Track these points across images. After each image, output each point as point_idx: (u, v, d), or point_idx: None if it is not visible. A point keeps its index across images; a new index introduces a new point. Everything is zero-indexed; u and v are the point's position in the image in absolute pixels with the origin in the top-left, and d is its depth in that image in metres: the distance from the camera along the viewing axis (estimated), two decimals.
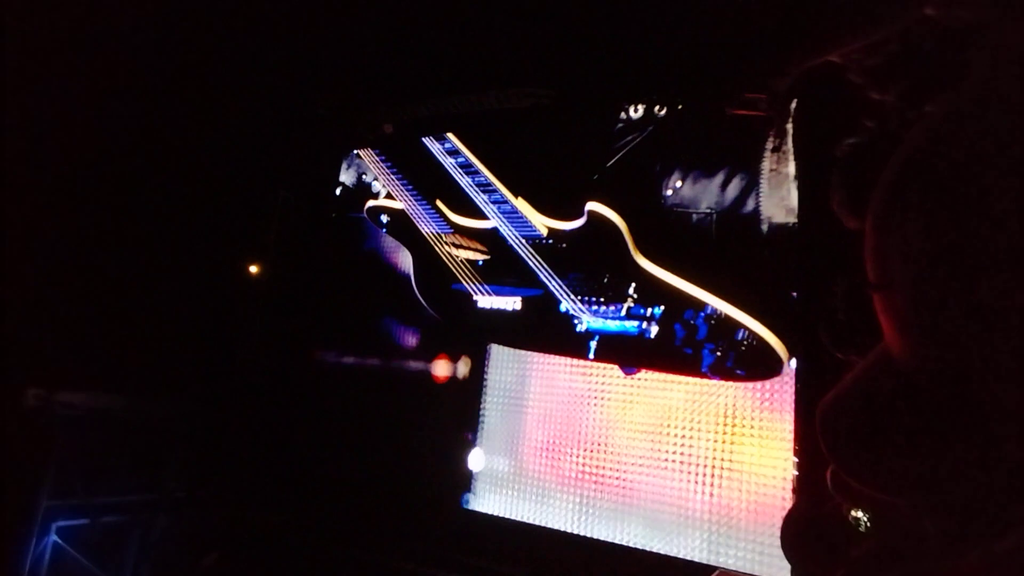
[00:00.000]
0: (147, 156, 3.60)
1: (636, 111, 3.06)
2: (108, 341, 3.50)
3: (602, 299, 2.88)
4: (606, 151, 3.09)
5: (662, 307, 2.72)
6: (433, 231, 3.47)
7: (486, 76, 3.33)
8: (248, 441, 3.78)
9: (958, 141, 0.47)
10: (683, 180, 2.91)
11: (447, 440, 3.33)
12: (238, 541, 3.43)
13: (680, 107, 2.97)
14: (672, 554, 2.66)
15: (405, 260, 3.66)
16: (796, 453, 2.45)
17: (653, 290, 2.75)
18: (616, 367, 2.90)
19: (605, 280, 2.87)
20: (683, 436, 2.74)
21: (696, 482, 2.67)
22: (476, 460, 3.24)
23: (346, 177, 3.99)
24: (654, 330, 2.74)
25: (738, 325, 2.55)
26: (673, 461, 2.75)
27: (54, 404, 3.34)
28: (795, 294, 2.54)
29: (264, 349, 3.96)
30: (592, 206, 2.93)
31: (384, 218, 3.68)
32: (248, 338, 3.91)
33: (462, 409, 3.31)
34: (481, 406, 3.28)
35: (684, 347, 2.64)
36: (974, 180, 0.44)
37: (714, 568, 2.54)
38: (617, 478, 2.85)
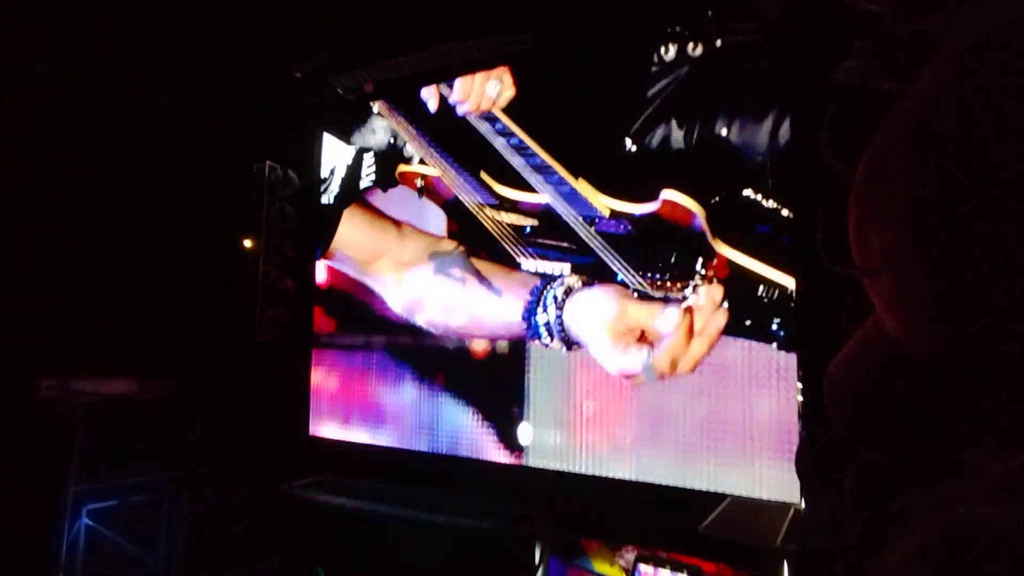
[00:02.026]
0: (128, 141, 3.55)
1: (668, 52, 2.81)
2: (114, 328, 3.53)
3: (667, 275, 2.74)
4: (640, 101, 2.89)
5: (733, 283, 2.61)
6: (475, 200, 3.29)
7: (465, 25, 3.23)
8: (264, 413, 3.84)
9: (948, 105, 0.44)
10: (728, 126, 2.71)
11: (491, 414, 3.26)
12: (264, 510, 3.53)
13: (719, 43, 2.73)
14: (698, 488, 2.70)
15: (437, 220, 3.49)
16: (800, 379, 2.49)
17: (727, 270, 2.64)
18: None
19: (672, 259, 2.73)
20: (742, 395, 2.62)
21: (746, 439, 2.61)
22: (525, 434, 3.15)
23: (373, 140, 3.80)
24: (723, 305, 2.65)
25: None
26: (732, 422, 2.64)
27: (69, 393, 3.39)
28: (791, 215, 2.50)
29: (272, 324, 3.98)
30: (669, 194, 2.74)
31: (419, 183, 3.50)
32: (251, 313, 3.92)
33: (505, 383, 3.20)
34: (525, 379, 3.17)
35: (755, 324, 2.55)
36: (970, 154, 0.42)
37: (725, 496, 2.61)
38: (674, 442, 2.75)
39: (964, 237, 0.42)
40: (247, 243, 4.01)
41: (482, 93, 3.18)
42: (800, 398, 2.48)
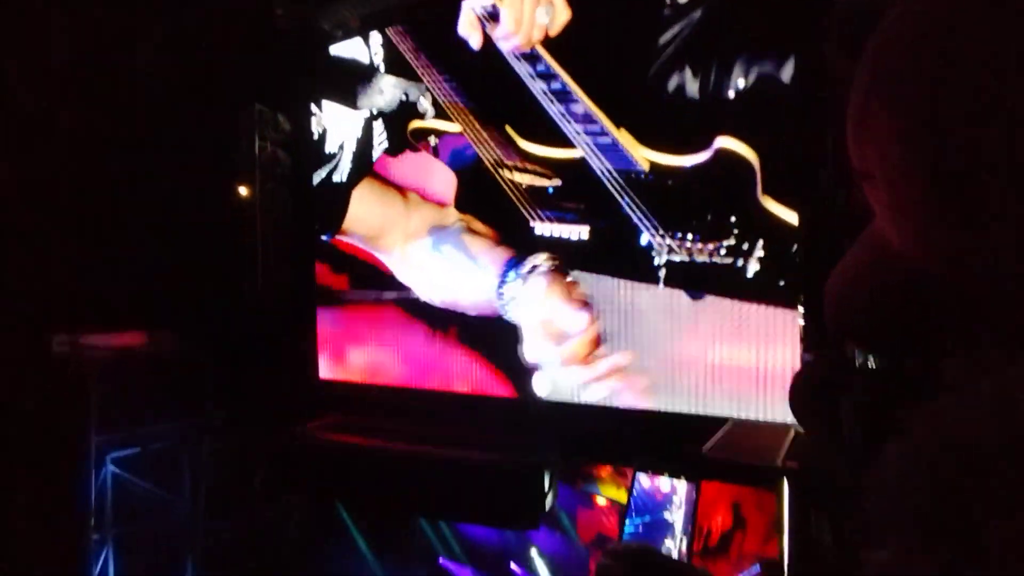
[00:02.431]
0: (118, 97, 3.47)
1: None
2: (119, 283, 3.55)
3: (699, 234, 2.64)
4: (650, 47, 2.70)
5: (767, 243, 2.52)
6: (494, 157, 3.14)
7: None
8: (274, 360, 3.90)
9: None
10: (746, 75, 2.54)
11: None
12: (281, 453, 3.65)
13: None
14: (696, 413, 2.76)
15: (445, 183, 3.34)
16: (803, 302, 2.51)
17: (768, 228, 2.51)
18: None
19: (708, 217, 2.61)
20: (758, 345, 2.59)
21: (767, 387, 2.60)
22: (541, 384, 3.16)
23: (382, 101, 3.62)
24: (753, 267, 2.55)
25: None
26: (750, 369, 2.61)
27: (80, 347, 3.45)
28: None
29: (273, 273, 3.98)
30: (724, 142, 2.58)
31: (432, 140, 3.36)
32: (252, 263, 3.92)
33: (520, 334, 3.16)
34: None
35: (789, 285, 2.50)
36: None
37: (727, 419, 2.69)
38: (689, 388, 2.75)
39: (957, 151, 0.43)
40: (242, 190, 3.96)
41: (533, 22, 2.97)
42: (802, 322, 2.51)
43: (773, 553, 2.65)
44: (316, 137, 3.84)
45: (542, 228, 3.04)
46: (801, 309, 2.49)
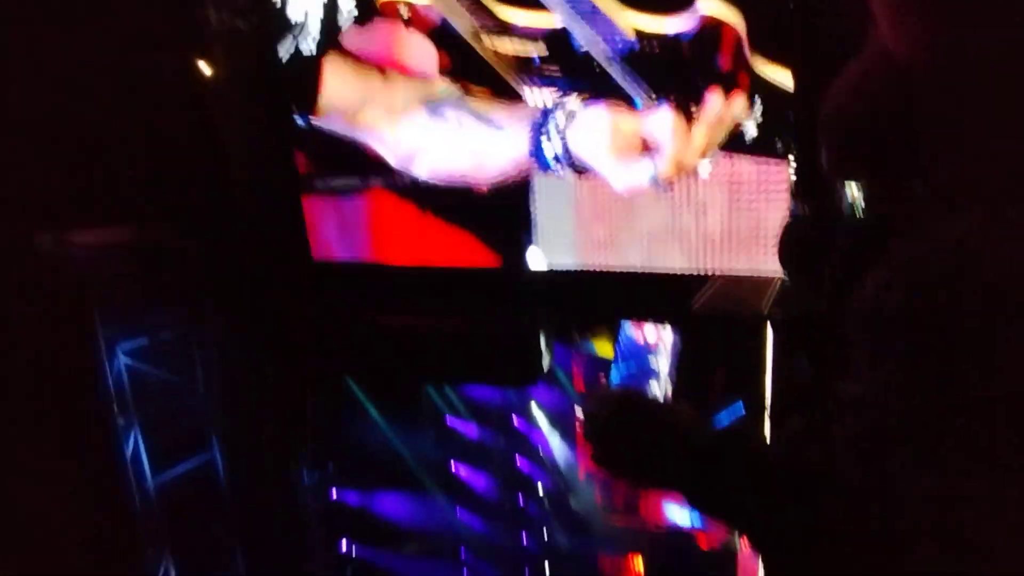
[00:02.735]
0: None
1: None
2: (93, 178, 3.45)
3: (692, 101, 2.51)
4: None
5: (763, 106, 2.46)
6: (472, 26, 2.97)
7: None
8: (265, 244, 3.90)
9: None
10: None
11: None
12: (289, 335, 3.76)
13: None
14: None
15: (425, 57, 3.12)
16: (794, 155, 2.52)
17: (761, 92, 2.45)
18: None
19: (700, 83, 2.49)
20: (754, 209, 2.61)
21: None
22: (535, 258, 3.16)
23: None
24: (752, 133, 2.50)
25: None
26: (742, 225, 2.67)
27: (70, 245, 3.43)
28: None
29: (249, 155, 3.85)
30: (706, 6, 2.46)
31: (404, 11, 3.14)
32: (225, 146, 3.79)
33: (510, 208, 3.16)
34: (531, 202, 3.12)
35: (785, 151, 2.48)
36: None
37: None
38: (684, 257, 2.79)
39: None
40: (203, 65, 3.72)
41: None
42: (794, 176, 2.53)
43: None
44: (278, 4, 3.55)
45: (531, 98, 2.92)
46: (792, 163, 2.50)
